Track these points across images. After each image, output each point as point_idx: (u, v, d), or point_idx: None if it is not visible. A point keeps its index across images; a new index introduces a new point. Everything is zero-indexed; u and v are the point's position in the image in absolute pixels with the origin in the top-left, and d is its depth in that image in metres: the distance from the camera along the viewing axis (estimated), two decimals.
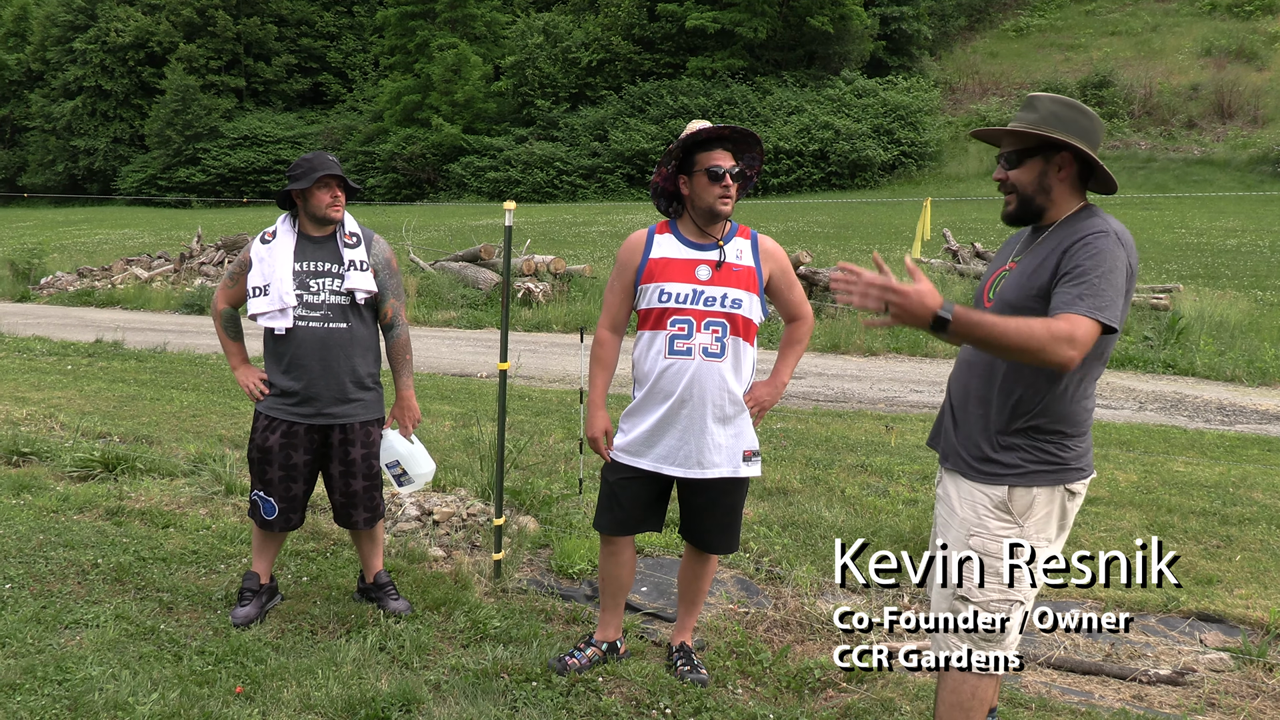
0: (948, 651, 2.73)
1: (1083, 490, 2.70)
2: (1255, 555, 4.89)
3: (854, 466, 6.43)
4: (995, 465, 2.64)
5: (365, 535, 4.11)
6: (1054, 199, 2.65)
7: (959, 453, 2.73)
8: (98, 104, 55.37)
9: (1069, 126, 2.60)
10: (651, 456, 3.39)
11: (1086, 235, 2.49)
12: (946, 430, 2.81)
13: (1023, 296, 2.57)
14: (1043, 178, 2.65)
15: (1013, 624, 2.68)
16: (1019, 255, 2.70)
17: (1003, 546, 2.63)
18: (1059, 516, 2.67)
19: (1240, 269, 17.71)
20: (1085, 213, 2.60)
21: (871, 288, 2.30)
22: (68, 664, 3.46)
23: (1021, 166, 2.66)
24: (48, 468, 5.94)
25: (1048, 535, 2.66)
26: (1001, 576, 2.63)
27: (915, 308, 2.28)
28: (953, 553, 2.71)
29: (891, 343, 11.86)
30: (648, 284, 3.38)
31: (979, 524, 2.65)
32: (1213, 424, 8.26)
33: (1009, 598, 2.65)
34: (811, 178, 39.43)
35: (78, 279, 18.93)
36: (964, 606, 2.68)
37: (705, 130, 3.33)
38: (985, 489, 2.65)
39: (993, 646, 2.69)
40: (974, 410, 2.69)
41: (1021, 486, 2.62)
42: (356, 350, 3.87)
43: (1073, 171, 2.63)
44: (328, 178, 3.77)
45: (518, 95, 46.82)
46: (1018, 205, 2.69)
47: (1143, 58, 41.58)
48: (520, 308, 14.36)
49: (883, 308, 2.30)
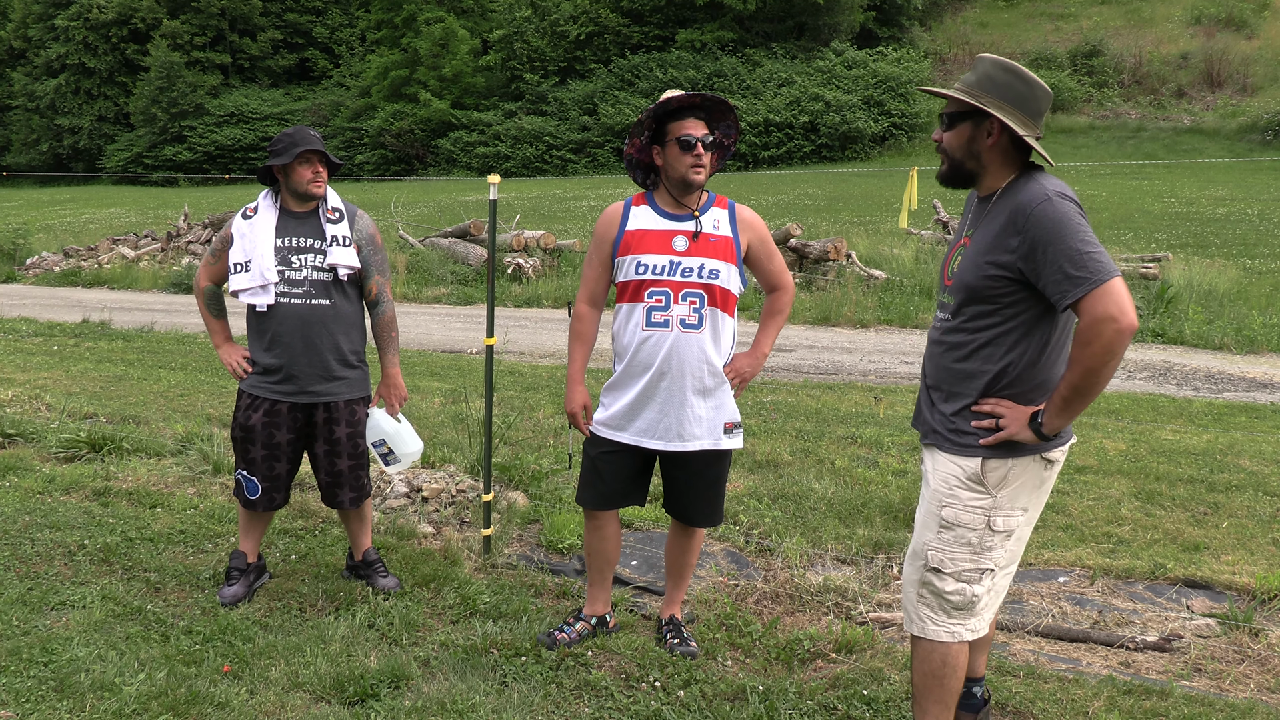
0: (919, 621, 2.73)
1: (1061, 457, 2.66)
2: (1242, 522, 4.91)
3: (844, 438, 6.44)
4: (970, 437, 2.61)
5: (354, 513, 4.09)
6: (985, 164, 2.61)
7: (934, 428, 2.71)
8: (81, 82, 54.80)
9: (1004, 92, 2.54)
10: (632, 430, 3.38)
11: (1031, 210, 2.44)
12: (924, 409, 2.79)
13: (979, 277, 2.55)
14: (971, 143, 2.60)
15: (983, 593, 2.66)
16: (971, 229, 2.66)
17: (974, 517, 2.60)
18: (1035, 485, 2.64)
19: (1229, 237, 17.73)
20: (1023, 179, 2.55)
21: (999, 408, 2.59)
22: (54, 645, 3.45)
23: (953, 129, 2.63)
24: (34, 449, 5.90)
25: (1022, 505, 2.63)
26: (972, 546, 2.62)
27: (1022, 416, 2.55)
28: (924, 524, 2.71)
29: (882, 315, 11.85)
30: (624, 256, 3.35)
31: (950, 494, 2.63)
32: (1201, 392, 8.29)
33: (979, 567, 2.64)
34: (802, 150, 39.32)
35: (64, 259, 18.80)
36: (935, 577, 2.67)
37: (676, 99, 3.29)
38: (959, 460, 2.62)
39: (963, 615, 2.68)
40: (951, 388, 2.66)
41: (996, 458, 2.58)
42: (340, 327, 3.83)
43: (1003, 139, 2.56)
44: (309, 153, 3.72)
45: (506, 69, 46.49)
46: (948, 168, 2.67)
47: (1132, 26, 41.47)
48: (510, 283, 14.31)
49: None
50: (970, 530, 2.61)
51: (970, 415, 2.61)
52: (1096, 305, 2.33)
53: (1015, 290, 2.51)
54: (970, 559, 2.63)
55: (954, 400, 2.65)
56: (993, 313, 2.55)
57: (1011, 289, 2.51)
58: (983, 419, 2.59)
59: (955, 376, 2.65)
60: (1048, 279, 2.41)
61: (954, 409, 2.64)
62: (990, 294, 2.54)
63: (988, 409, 2.58)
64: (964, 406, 2.63)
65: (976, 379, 2.60)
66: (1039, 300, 2.50)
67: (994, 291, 2.53)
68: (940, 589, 2.67)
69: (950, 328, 2.66)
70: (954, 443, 2.64)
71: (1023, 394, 2.58)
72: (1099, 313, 2.33)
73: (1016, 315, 2.53)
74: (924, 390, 2.80)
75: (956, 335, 2.64)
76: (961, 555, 2.63)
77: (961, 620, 2.69)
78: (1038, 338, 2.55)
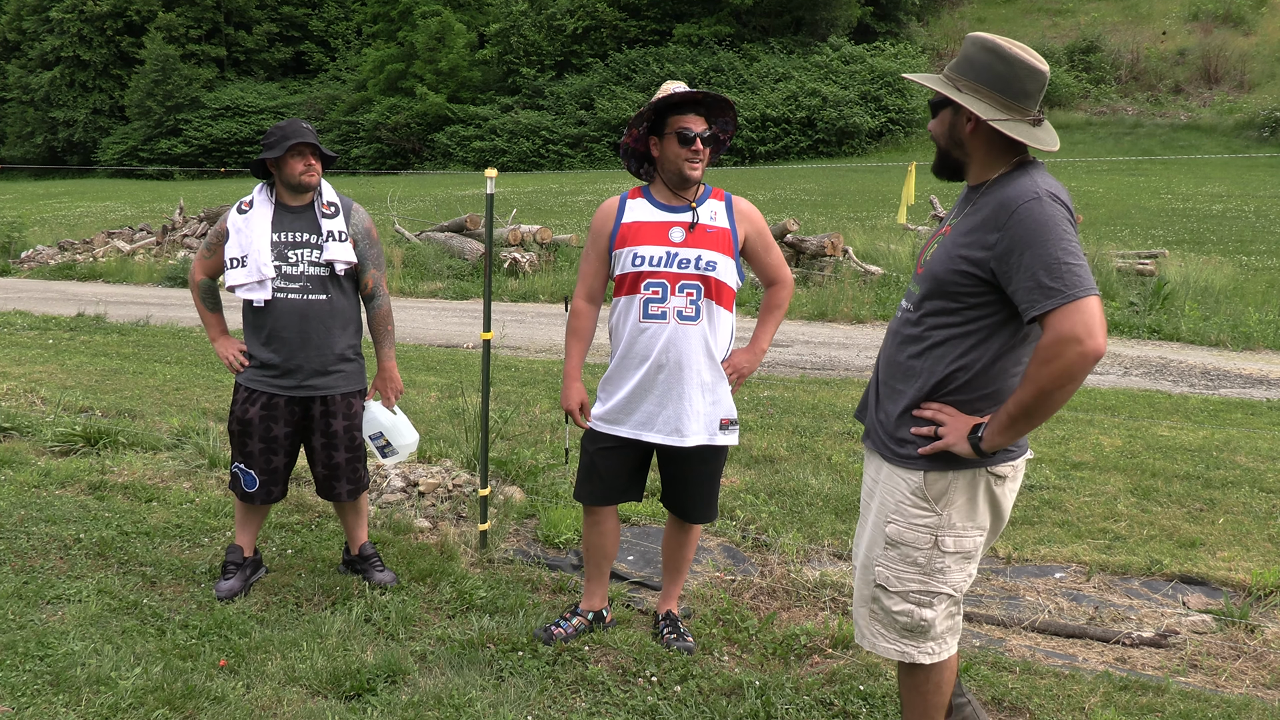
0: (871, 637, 2.57)
1: (1012, 474, 2.45)
2: (1238, 518, 4.92)
3: (840, 434, 6.44)
4: (911, 447, 2.43)
5: (350, 507, 4.09)
6: (970, 153, 2.43)
7: (878, 431, 2.55)
8: (76, 74, 54.62)
9: (981, 73, 2.35)
10: (630, 423, 3.37)
11: (1015, 207, 2.24)
12: (870, 404, 2.62)
13: (948, 269, 2.36)
14: (952, 130, 2.43)
15: (935, 619, 2.48)
16: (955, 218, 2.46)
17: (919, 535, 2.43)
18: (987, 503, 2.44)
19: (1225, 234, 17.75)
20: (1016, 173, 2.34)
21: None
22: (49, 639, 3.44)
23: (936, 116, 2.48)
24: (29, 442, 5.88)
25: (978, 524, 2.44)
26: (920, 567, 2.44)
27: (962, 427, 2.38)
28: (872, 539, 2.54)
29: (878, 310, 11.85)
30: (621, 249, 3.34)
31: (896, 510, 2.46)
32: (1197, 389, 8.30)
33: (930, 589, 2.45)
34: (799, 145, 39.28)
35: (59, 253, 18.74)
36: (882, 594, 2.50)
37: (678, 93, 3.29)
38: (902, 474, 2.45)
39: (916, 638, 2.50)
40: (896, 384, 2.49)
41: (935, 471, 2.40)
42: (336, 322, 3.82)
43: (984, 125, 2.35)
44: (301, 145, 3.71)
45: (503, 63, 46.38)
46: (937, 156, 2.52)
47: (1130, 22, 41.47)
48: (506, 278, 14.29)
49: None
50: (916, 549, 2.44)
51: (911, 421, 2.44)
52: (1064, 322, 2.13)
53: (983, 291, 2.32)
54: (919, 580, 2.45)
55: (898, 398, 2.48)
56: (955, 310, 2.38)
57: (979, 289, 2.32)
58: (923, 425, 2.43)
59: (902, 372, 2.48)
60: (1019, 285, 2.21)
61: (897, 410, 2.47)
62: (956, 290, 2.35)
63: (929, 415, 2.41)
64: (905, 408, 2.45)
65: (922, 377, 2.43)
66: (1005, 305, 2.31)
67: (960, 289, 2.35)
68: (888, 607, 2.50)
69: (910, 320, 2.49)
70: (896, 454, 2.47)
71: (969, 402, 2.39)
72: (1065, 331, 2.13)
73: (979, 318, 2.35)
74: (874, 384, 2.62)
75: (914, 329, 2.46)
76: (909, 575, 2.46)
77: (914, 642, 2.51)
78: (995, 345, 2.36)
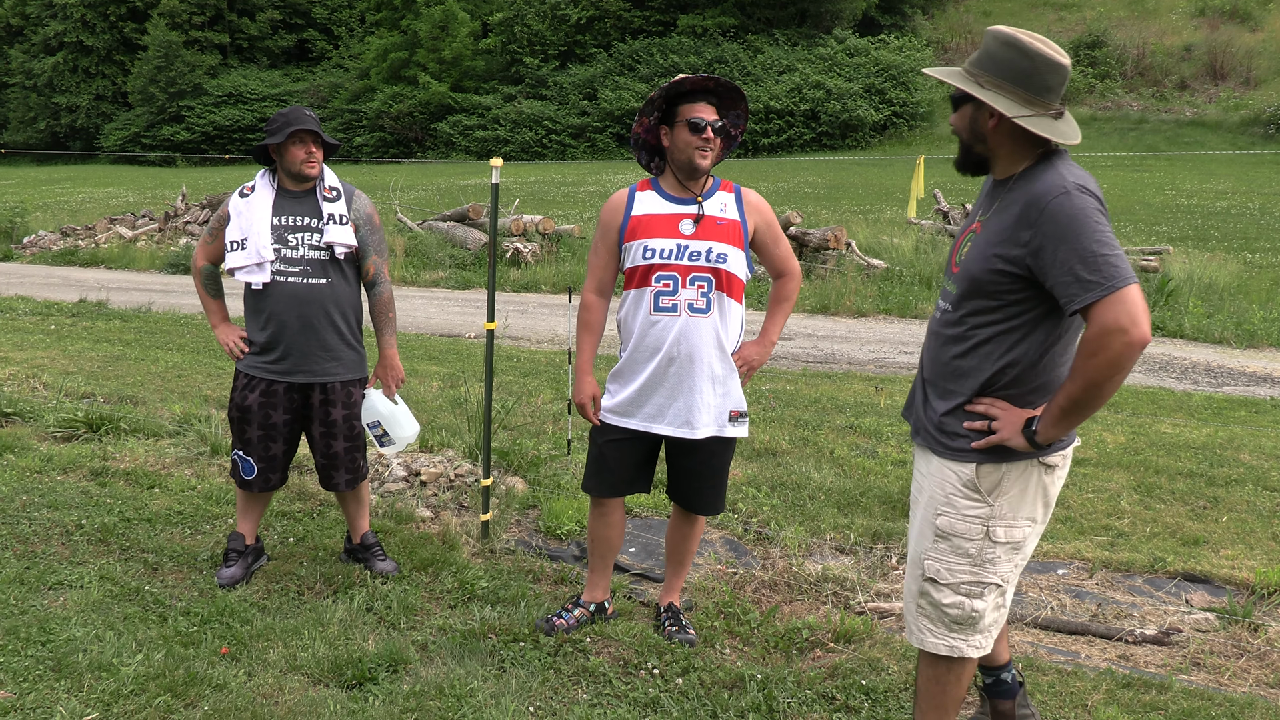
0: (918, 632, 2.60)
1: (1063, 463, 2.50)
2: (1241, 516, 4.91)
3: (843, 427, 6.42)
4: (962, 440, 2.46)
5: (351, 496, 4.08)
6: (993, 148, 2.43)
7: (927, 427, 2.57)
8: (79, 60, 54.51)
9: (1003, 69, 2.35)
10: (640, 416, 3.36)
11: (1046, 203, 2.25)
12: (917, 403, 2.65)
13: (985, 270, 2.38)
14: (974, 125, 2.43)
15: (986, 610, 2.51)
16: (984, 215, 2.47)
17: (971, 526, 2.46)
18: (1037, 492, 2.48)
19: (1230, 231, 17.71)
20: (1042, 166, 2.35)
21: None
22: (51, 625, 3.44)
23: (957, 111, 2.47)
24: (31, 428, 5.88)
25: (1028, 515, 2.48)
26: (971, 558, 2.47)
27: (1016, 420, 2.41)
28: (921, 532, 2.57)
29: (881, 304, 11.84)
30: (631, 241, 3.32)
31: (946, 503, 2.49)
32: (1200, 386, 8.28)
33: (981, 580, 2.49)
34: (802, 138, 39.20)
35: (61, 238, 18.73)
36: (932, 588, 2.53)
37: (689, 80, 3.26)
38: (953, 466, 2.47)
39: (964, 630, 2.53)
40: (947, 385, 2.51)
41: (989, 464, 2.43)
42: (337, 307, 3.80)
43: (1007, 121, 2.36)
44: (302, 132, 3.69)
45: (506, 53, 46.26)
46: (960, 152, 2.51)
47: (1136, 18, 41.33)
48: (509, 268, 14.27)
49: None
50: (967, 540, 2.47)
51: (963, 415, 2.47)
52: (1107, 314, 2.16)
53: (1021, 287, 2.34)
54: (970, 570, 2.48)
55: (948, 398, 2.50)
56: (996, 309, 2.39)
57: (1017, 286, 2.34)
58: (975, 419, 2.45)
59: (951, 373, 2.50)
60: (1057, 279, 2.23)
61: (947, 407, 2.50)
62: (994, 289, 2.37)
63: (981, 409, 2.44)
64: (957, 405, 2.48)
65: (972, 377, 2.45)
66: (1045, 298, 2.34)
67: (999, 287, 2.36)
68: (938, 600, 2.53)
69: (950, 320, 2.51)
70: (946, 447, 2.50)
71: (1020, 396, 2.42)
72: (1109, 322, 2.15)
73: (1021, 314, 2.37)
74: (919, 382, 2.65)
75: (956, 329, 2.48)
76: (960, 566, 2.49)
77: (963, 635, 2.54)
78: (1041, 338, 2.38)
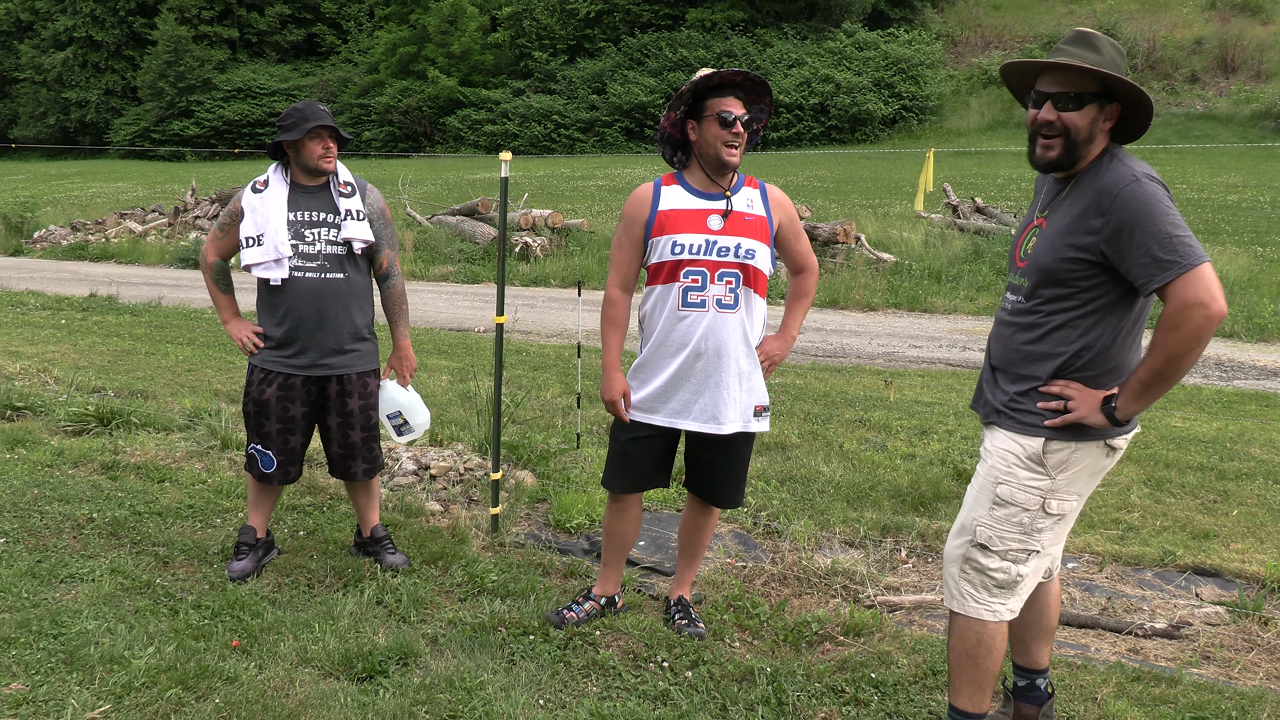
0: (960, 597, 2.72)
1: (1124, 445, 2.63)
2: (1252, 510, 4.89)
3: (852, 421, 6.42)
4: (1034, 416, 2.59)
5: (362, 489, 4.09)
6: (1093, 149, 2.55)
7: (996, 406, 2.69)
8: (89, 55, 54.60)
9: (1120, 70, 2.49)
10: (666, 411, 3.35)
11: (1118, 191, 2.40)
12: (985, 390, 2.77)
13: (1057, 259, 2.51)
14: (1093, 125, 2.52)
15: (1028, 574, 2.67)
16: (1046, 210, 2.62)
17: (1030, 497, 2.59)
18: (1094, 471, 2.62)
19: (1240, 225, 17.61)
20: (1106, 158, 2.51)
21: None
22: (63, 618, 3.46)
23: (1082, 110, 2.50)
24: (42, 422, 5.91)
25: (1078, 490, 2.62)
26: (1023, 527, 2.61)
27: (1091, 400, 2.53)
28: (976, 500, 2.69)
29: (890, 298, 11.81)
30: (658, 237, 3.29)
31: (1008, 472, 2.62)
32: (1211, 380, 8.25)
33: (1027, 548, 2.63)
34: (811, 131, 39.05)
35: (71, 233, 18.78)
36: (980, 553, 2.66)
37: (718, 75, 3.25)
38: (1020, 439, 2.60)
39: (1004, 594, 2.68)
40: (1020, 370, 2.64)
41: (1060, 440, 2.56)
42: (353, 301, 3.83)
43: (1114, 122, 2.53)
44: (319, 128, 3.70)
45: (515, 47, 46.20)
46: (1062, 151, 2.53)
47: (1147, 10, 41.06)
48: (518, 262, 14.27)
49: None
50: (1024, 510, 2.61)
51: (1036, 396, 2.59)
52: (1186, 290, 2.31)
53: (1094, 273, 2.48)
54: (1019, 539, 2.63)
55: (1022, 382, 2.63)
56: (1069, 295, 2.53)
57: (1090, 272, 2.48)
58: (1049, 400, 2.57)
59: (1026, 358, 2.62)
60: (1134, 262, 2.38)
61: (1020, 389, 2.62)
62: (1068, 277, 2.51)
63: (1056, 390, 2.56)
64: (1031, 388, 2.60)
65: (1049, 361, 2.58)
66: (1118, 283, 2.47)
67: (1072, 274, 2.50)
68: (985, 565, 2.67)
69: (1023, 309, 2.63)
70: (1017, 420, 2.62)
71: (1095, 378, 2.55)
72: (1189, 298, 2.31)
73: (1094, 299, 2.51)
74: (987, 371, 2.77)
75: (1029, 317, 2.61)
76: (1011, 535, 2.63)
77: (1002, 599, 2.68)
78: (1114, 322, 2.52)
